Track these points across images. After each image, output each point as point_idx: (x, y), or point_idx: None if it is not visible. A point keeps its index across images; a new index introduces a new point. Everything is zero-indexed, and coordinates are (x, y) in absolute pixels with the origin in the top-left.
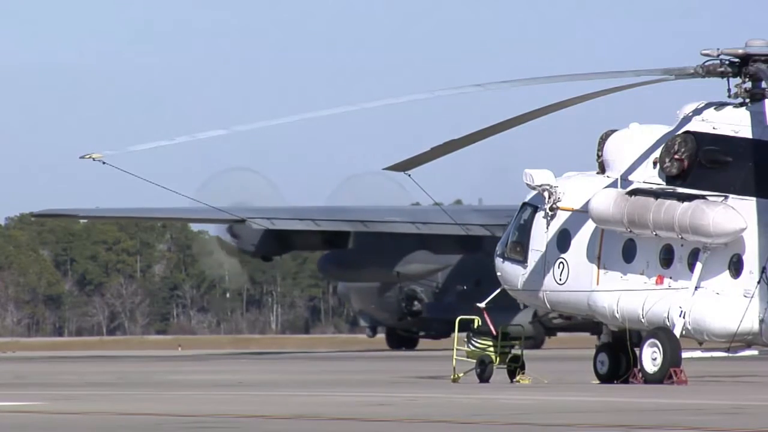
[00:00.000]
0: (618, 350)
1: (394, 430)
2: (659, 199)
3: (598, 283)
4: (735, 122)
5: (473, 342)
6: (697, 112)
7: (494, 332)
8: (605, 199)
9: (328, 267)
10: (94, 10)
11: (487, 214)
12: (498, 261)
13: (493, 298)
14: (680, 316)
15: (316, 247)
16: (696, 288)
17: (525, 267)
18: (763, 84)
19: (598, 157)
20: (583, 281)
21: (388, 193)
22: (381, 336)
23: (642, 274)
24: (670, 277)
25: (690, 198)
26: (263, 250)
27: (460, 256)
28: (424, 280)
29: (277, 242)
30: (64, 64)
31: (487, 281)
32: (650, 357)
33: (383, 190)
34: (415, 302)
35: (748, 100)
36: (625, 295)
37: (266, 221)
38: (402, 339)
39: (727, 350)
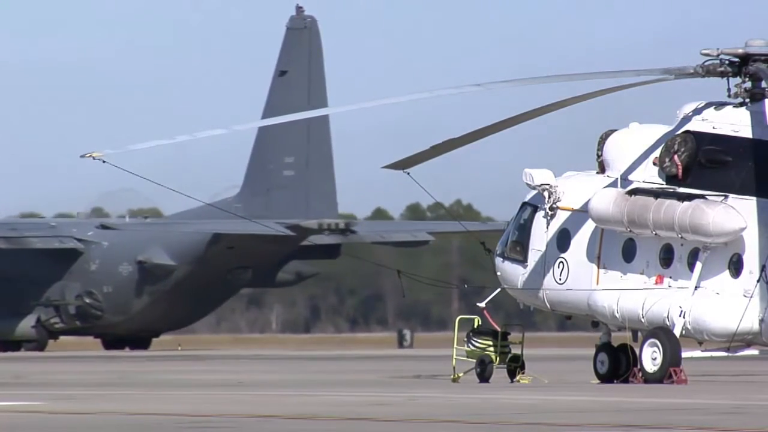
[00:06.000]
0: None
1: (394, 430)
2: (659, 199)
3: (597, 283)
4: (735, 122)
5: (473, 342)
6: (697, 111)
7: (496, 330)
8: (605, 199)
9: None
10: (94, 10)
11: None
12: (498, 260)
13: (492, 298)
14: (680, 315)
15: None
16: (696, 288)
17: (525, 267)
18: (763, 84)
19: (598, 156)
20: (583, 281)
21: None
22: None
23: (642, 273)
24: (670, 277)
25: (690, 198)
26: None
27: None
28: None
29: None
30: (64, 64)
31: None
32: (650, 357)
33: None
34: None
35: (748, 100)
36: (625, 294)
37: None
38: None
39: (727, 350)
